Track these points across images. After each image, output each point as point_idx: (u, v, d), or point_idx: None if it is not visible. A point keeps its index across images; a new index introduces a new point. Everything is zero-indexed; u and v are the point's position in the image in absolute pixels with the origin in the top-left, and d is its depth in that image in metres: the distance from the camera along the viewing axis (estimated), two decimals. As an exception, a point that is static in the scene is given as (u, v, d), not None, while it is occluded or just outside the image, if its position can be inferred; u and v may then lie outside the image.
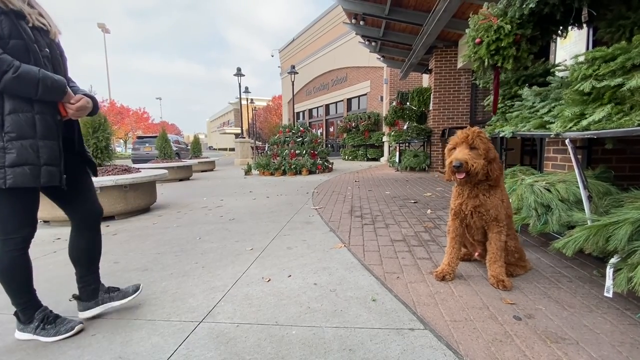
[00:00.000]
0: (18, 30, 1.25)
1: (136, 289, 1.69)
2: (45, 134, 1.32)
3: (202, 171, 11.08)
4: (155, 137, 11.76)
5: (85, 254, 1.59)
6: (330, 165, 9.62)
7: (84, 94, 1.46)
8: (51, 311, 1.49)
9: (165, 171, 4.84)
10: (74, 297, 1.59)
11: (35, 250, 2.72)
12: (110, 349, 1.34)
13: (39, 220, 3.95)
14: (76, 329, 1.46)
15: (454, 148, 1.68)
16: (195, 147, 12.03)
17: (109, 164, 4.35)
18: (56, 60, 1.42)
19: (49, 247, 2.82)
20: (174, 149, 9.98)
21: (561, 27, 2.55)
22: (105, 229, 3.37)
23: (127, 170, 4.39)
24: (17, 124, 1.26)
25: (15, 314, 1.45)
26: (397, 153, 9.04)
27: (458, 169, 1.59)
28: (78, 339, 1.43)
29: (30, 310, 1.44)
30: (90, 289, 1.60)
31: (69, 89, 1.38)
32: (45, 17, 1.40)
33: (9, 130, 1.25)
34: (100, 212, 1.65)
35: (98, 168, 4.08)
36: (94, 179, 1.59)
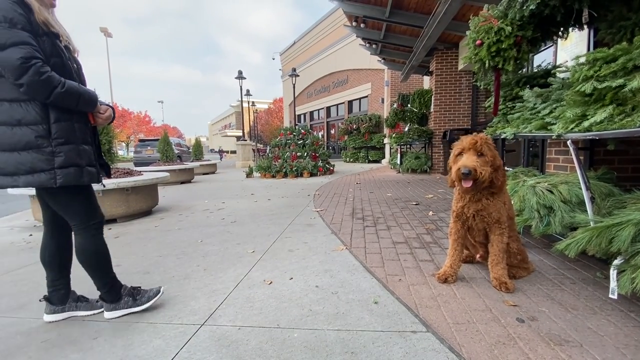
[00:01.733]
0: (57, 49, 1.41)
1: (102, 305, 1.68)
2: (83, 139, 1.50)
3: (204, 174, 11.11)
4: (157, 140, 11.81)
5: (58, 257, 1.62)
6: (331, 168, 9.62)
7: (107, 105, 1.63)
8: (132, 286, 1.68)
9: (167, 174, 4.86)
10: (44, 298, 1.62)
11: (37, 254, 2.73)
12: (112, 352, 1.34)
13: (41, 224, 3.98)
14: (161, 291, 1.70)
15: (461, 154, 1.64)
16: (197, 150, 12.07)
17: (111, 167, 4.36)
18: (78, 75, 1.57)
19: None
20: (176, 151, 10.01)
21: (562, 29, 2.54)
22: (107, 231, 3.37)
23: (129, 173, 4.40)
24: (62, 131, 1.42)
25: (101, 297, 1.62)
26: (399, 155, 9.03)
27: (467, 176, 1.55)
28: (80, 342, 1.43)
29: (116, 289, 1.62)
30: (60, 294, 1.62)
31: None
32: (69, 37, 1.54)
33: (57, 136, 1.40)
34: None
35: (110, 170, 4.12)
36: (97, 184, 1.65)
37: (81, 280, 1.73)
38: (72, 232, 1.60)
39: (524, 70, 3.09)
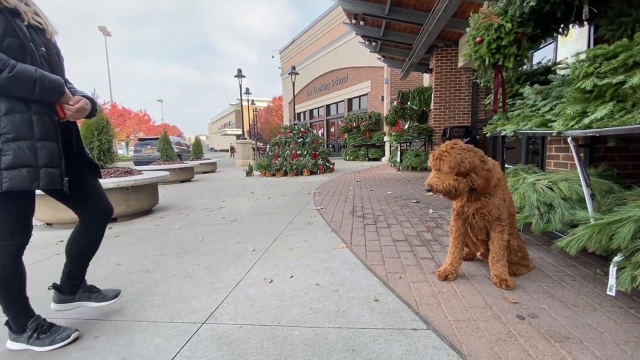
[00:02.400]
0: (13, 28, 1.22)
1: (116, 294, 1.66)
2: (43, 135, 1.28)
3: (204, 172, 11.11)
4: (156, 139, 11.80)
5: (85, 250, 1.58)
6: (331, 166, 9.62)
7: (82, 96, 1.43)
8: (45, 320, 1.43)
9: (167, 173, 4.85)
10: (54, 286, 1.56)
11: (37, 253, 2.75)
12: (114, 351, 1.35)
13: (42, 223, 3.97)
14: (72, 336, 1.41)
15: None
16: (197, 149, 12.06)
17: (111, 166, 4.36)
18: (53, 60, 1.39)
19: (52, 250, 2.83)
20: (176, 150, 10.00)
21: (562, 25, 2.53)
22: (108, 231, 3.38)
23: (129, 172, 4.40)
24: (13, 125, 1.22)
25: (7, 323, 1.39)
26: (399, 153, 9.03)
27: (429, 192, 1.68)
28: (81, 341, 1.43)
29: (23, 320, 1.38)
30: (74, 284, 1.59)
31: (67, 89, 1.35)
32: (41, 16, 1.37)
33: (5, 131, 1.21)
34: (111, 210, 1.64)
35: (101, 170, 4.10)
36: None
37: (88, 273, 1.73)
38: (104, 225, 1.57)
39: (524, 67, 3.08)
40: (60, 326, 1.44)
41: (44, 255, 2.70)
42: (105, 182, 3.63)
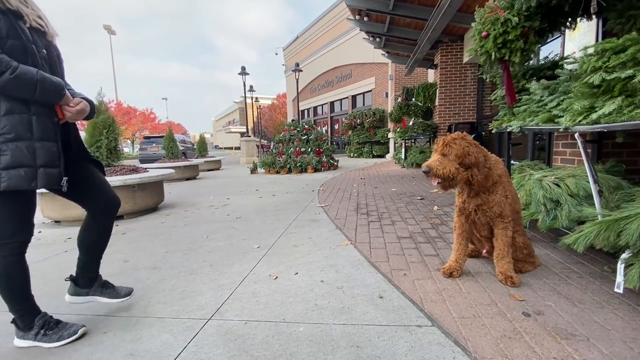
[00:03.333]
0: (16, 30, 1.24)
1: (128, 292, 1.69)
2: (42, 135, 1.30)
3: (209, 170, 11.16)
4: (162, 137, 11.88)
5: (96, 242, 1.60)
6: (335, 163, 9.61)
7: (82, 98, 1.45)
8: (51, 316, 1.45)
9: (172, 171, 4.89)
10: (71, 277, 1.59)
11: (46, 250, 2.79)
12: (122, 346, 1.37)
13: (50, 221, 4.03)
14: (79, 332, 1.43)
15: (433, 154, 1.71)
16: (201, 147, 12.11)
17: (117, 164, 4.40)
18: (53, 62, 1.41)
19: (60, 247, 2.88)
20: (181, 148, 10.06)
21: (570, 19, 2.49)
22: (115, 228, 3.40)
23: (135, 170, 4.44)
24: (12, 125, 1.23)
25: (13, 321, 1.41)
26: (403, 150, 8.98)
27: (427, 174, 1.63)
28: (90, 336, 1.45)
29: (29, 317, 1.40)
30: (89, 277, 1.61)
31: (67, 91, 1.36)
32: (43, 19, 1.39)
33: (4, 131, 1.23)
34: (118, 202, 1.65)
35: (107, 168, 4.14)
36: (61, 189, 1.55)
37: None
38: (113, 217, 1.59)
39: (530, 62, 3.04)
40: (67, 322, 1.46)
41: (52, 252, 2.74)
42: (112, 180, 3.67)
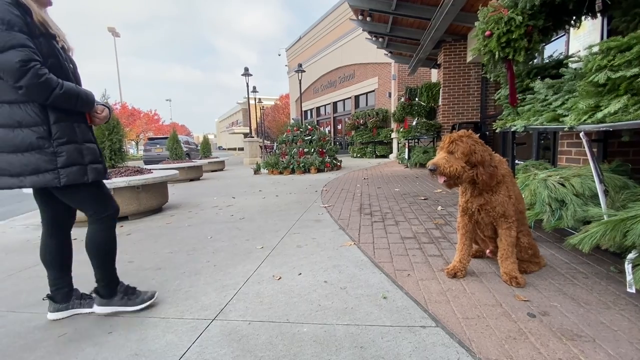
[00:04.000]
0: (53, 50, 1.42)
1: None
2: (84, 138, 1.53)
3: (212, 171, 11.21)
4: (166, 138, 11.95)
5: (57, 257, 1.64)
6: (338, 163, 9.60)
7: (102, 104, 1.64)
8: (129, 285, 1.70)
9: (176, 172, 4.91)
10: (47, 296, 1.64)
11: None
12: (127, 346, 1.38)
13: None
14: (155, 296, 1.71)
15: (439, 152, 1.69)
16: (205, 148, 12.16)
17: (122, 165, 4.43)
18: (76, 74, 1.59)
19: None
20: (184, 149, 10.11)
21: (574, 17, 2.47)
22: (120, 229, 3.44)
23: (139, 171, 4.47)
24: (63, 131, 1.44)
25: (96, 290, 1.64)
26: (406, 150, 8.96)
27: (433, 172, 1.61)
28: (95, 336, 1.47)
29: (114, 285, 1.65)
30: (63, 292, 1.64)
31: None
32: (63, 36, 1.53)
33: (57, 136, 1.42)
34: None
35: (112, 170, 4.17)
36: (107, 180, 1.68)
37: (78, 279, 1.78)
38: (70, 230, 1.68)
39: (534, 60, 3.02)
40: (140, 290, 1.71)
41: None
42: (116, 181, 3.70)
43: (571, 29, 2.68)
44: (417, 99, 9.49)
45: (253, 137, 15.35)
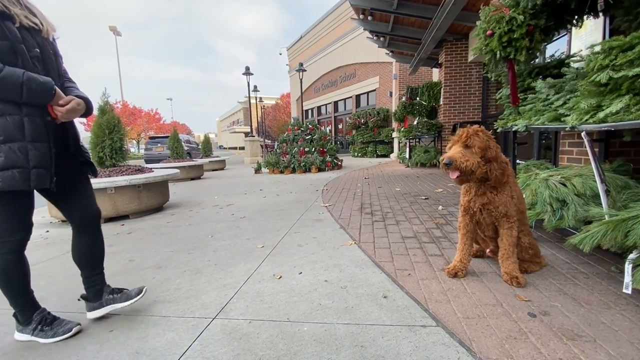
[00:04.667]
0: (3, 31, 1.22)
1: (139, 291, 1.68)
2: (34, 136, 1.30)
3: (213, 170, 11.22)
4: (167, 137, 11.96)
5: (86, 256, 1.59)
6: (339, 163, 9.60)
7: (76, 96, 1.42)
8: (49, 313, 1.50)
9: (177, 171, 4.92)
10: (82, 297, 1.62)
11: (53, 249, 2.82)
12: (128, 345, 1.38)
13: (57, 220, 4.07)
14: (73, 330, 1.46)
15: (452, 146, 1.67)
16: (206, 147, 12.18)
17: (122, 164, 4.44)
18: (48, 60, 1.39)
19: (67, 246, 2.88)
20: (185, 148, 10.12)
21: (576, 17, 2.47)
22: (120, 228, 3.45)
23: (140, 170, 4.48)
24: (4, 127, 1.24)
25: (14, 315, 1.46)
26: (407, 149, 8.95)
27: (448, 166, 1.57)
28: (97, 334, 1.47)
29: (28, 312, 1.46)
30: (95, 289, 1.61)
31: (57, 90, 1.33)
32: (38, 16, 1.37)
33: None
34: (97, 214, 1.62)
35: (112, 168, 4.17)
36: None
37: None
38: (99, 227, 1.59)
39: (536, 60, 3.01)
40: (63, 320, 1.50)
41: (59, 251, 2.78)
42: (117, 180, 3.71)
43: (573, 28, 2.66)
44: (418, 98, 9.48)
45: (254, 136, 15.36)
